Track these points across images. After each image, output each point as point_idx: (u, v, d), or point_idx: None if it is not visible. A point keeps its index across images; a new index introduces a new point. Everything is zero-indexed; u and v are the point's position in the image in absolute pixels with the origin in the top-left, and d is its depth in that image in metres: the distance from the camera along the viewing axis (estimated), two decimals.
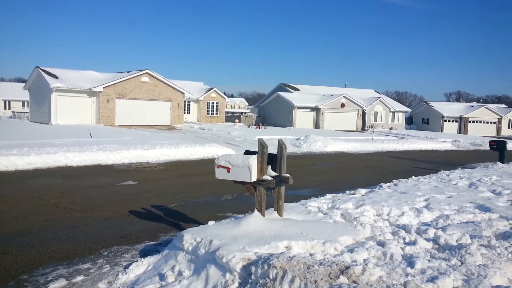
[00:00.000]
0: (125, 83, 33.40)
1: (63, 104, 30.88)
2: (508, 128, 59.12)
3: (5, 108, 58.06)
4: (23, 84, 39.53)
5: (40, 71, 32.15)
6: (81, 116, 31.81)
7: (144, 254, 5.57)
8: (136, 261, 5.17)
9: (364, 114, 48.29)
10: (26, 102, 51.66)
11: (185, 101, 39.51)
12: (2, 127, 26.39)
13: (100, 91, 32.02)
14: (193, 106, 44.45)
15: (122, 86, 33.24)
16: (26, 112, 44.21)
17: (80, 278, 4.79)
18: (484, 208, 7.17)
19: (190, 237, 4.93)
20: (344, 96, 46.54)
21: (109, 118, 32.60)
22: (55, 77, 31.69)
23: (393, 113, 53.03)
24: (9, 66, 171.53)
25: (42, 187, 10.01)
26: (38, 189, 9.71)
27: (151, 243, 6.12)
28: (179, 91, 36.60)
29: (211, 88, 45.68)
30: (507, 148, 18.40)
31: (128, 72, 34.81)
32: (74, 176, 11.69)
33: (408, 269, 4.12)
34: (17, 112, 49.41)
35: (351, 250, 4.68)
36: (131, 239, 6.26)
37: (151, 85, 34.84)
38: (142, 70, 34.39)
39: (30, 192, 9.33)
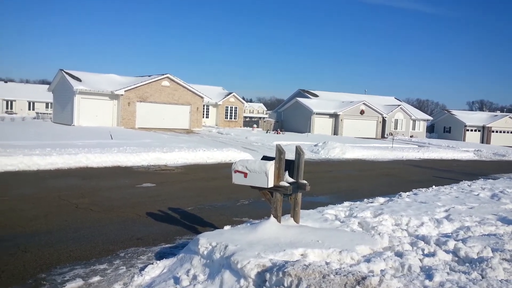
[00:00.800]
0: (146, 87, 33.88)
1: (86, 106, 31.50)
2: None
3: (29, 109, 59.61)
4: (47, 86, 40.56)
5: (64, 74, 32.90)
6: (102, 118, 32.39)
7: (160, 256, 5.61)
8: (152, 264, 5.20)
9: (384, 121, 47.71)
10: (49, 104, 52.89)
11: (204, 105, 39.82)
12: (25, 128, 27.08)
13: (122, 94, 32.55)
14: (212, 110, 44.74)
15: (143, 90, 33.73)
16: (50, 113, 45.24)
17: (96, 278, 4.84)
18: (507, 221, 6.97)
19: (205, 241, 4.93)
20: (363, 103, 46.11)
21: (129, 120, 33.09)
22: (79, 80, 32.38)
23: (414, 121, 52.24)
24: (34, 68, 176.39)
25: (62, 187, 10.20)
26: (58, 189, 9.90)
27: (167, 245, 6.16)
28: (199, 96, 36.91)
29: (230, 93, 45.91)
30: None
31: (149, 76, 35.32)
32: (94, 177, 11.88)
33: (426, 282, 4.03)
34: (40, 113, 50.69)
35: (368, 260, 4.60)
36: (147, 241, 6.31)
37: (171, 89, 35.24)
38: (163, 75, 34.84)
39: (51, 192, 9.52)
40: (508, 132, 55.72)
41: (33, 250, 5.68)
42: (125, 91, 32.67)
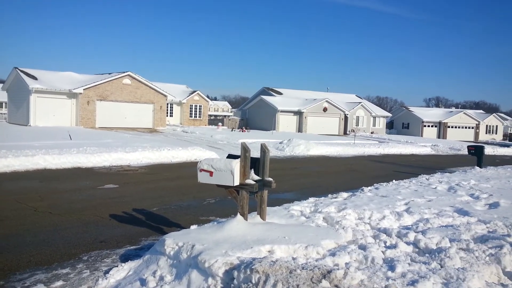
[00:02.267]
0: (106, 85, 32.96)
1: (42, 106, 30.28)
2: (486, 133, 60.57)
3: None
4: (1, 85, 38.62)
5: (19, 72, 31.47)
6: (60, 118, 31.23)
7: (124, 258, 5.49)
8: (117, 266, 5.09)
9: (346, 118, 48.78)
10: (4, 103, 50.44)
11: (167, 104, 39.21)
12: None
13: (80, 93, 31.53)
14: (176, 109, 44.16)
15: (103, 88, 32.79)
16: (4, 114, 43.18)
17: (59, 283, 4.69)
18: (463, 212, 7.31)
19: (172, 241, 4.88)
20: (326, 101, 46.94)
21: (89, 120, 32.11)
22: (34, 78, 31.07)
23: (374, 117, 53.72)
24: None
25: (20, 190, 9.78)
26: (15, 192, 9.48)
27: (132, 247, 6.04)
28: (162, 94, 36.31)
29: (194, 91, 45.47)
30: (485, 153, 18.85)
31: (109, 74, 34.38)
32: (53, 179, 11.46)
33: (389, 273, 4.17)
34: None
35: (333, 254, 4.71)
36: (111, 244, 6.16)
37: (133, 87, 34.48)
38: (124, 72, 34.01)
39: (7, 195, 9.10)
40: (462, 127, 58.39)
41: None
42: (84, 89, 31.65)
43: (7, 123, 33.27)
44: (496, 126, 62.47)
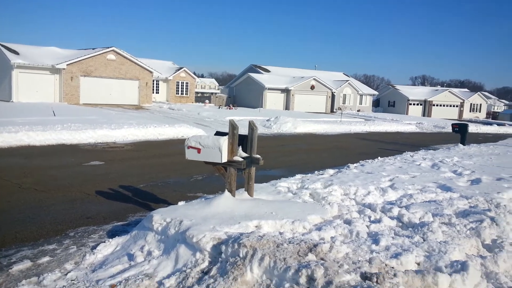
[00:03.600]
0: (90, 61, 32.26)
1: (25, 82, 29.57)
2: (470, 111, 61.45)
3: None
4: None
5: (0, 46, 30.54)
6: (44, 94, 30.59)
7: (112, 234, 5.50)
8: (104, 242, 5.10)
9: (333, 96, 48.85)
10: None
11: (153, 81, 38.64)
12: None
13: (64, 68, 30.83)
14: (162, 85, 43.57)
15: (86, 64, 32.10)
16: None
17: (45, 259, 4.69)
18: (446, 188, 7.47)
19: (159, 217, 4.90)
20: (314, 79, 46.84)
21: (73, 96, 31.53)
22: (16, 53, 30.21)
23: (361, 95, 53.91)
24: None
25: (3, 167, 9.63)
26: None
27: (119, 223, 6.05)
28: (147, 70, 35.74)
29: (181, 68, 44.84)
30: (468, 131, 19.16)
31: (93, 49, 33.60)
32: (37, 156, 11.31)
33: (373, 246, 4.27)
34: None
35: (319, 229, 4.79)
36: (98, 220, 6.16)
37: (118, 63, 33.83)
38: (108, 48, 33.28)
39: None
40: (447, 105, 59.07)
41: None
42: (67, 65, 30.94)
43: None
44: (480, 104, 63.36)
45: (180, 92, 44.62)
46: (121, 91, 34.15)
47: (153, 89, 38.82)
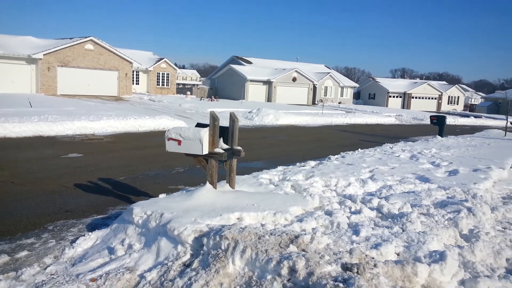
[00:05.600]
0: (67, 50, 31.49)
1: (0, 72, 28.70)
2: (448, 104, 62.64)
3: None
4: None
5: None
6: (19, 85, 29.74)
7: (92, 228, 5.42)
8: (84, 235, 5.02)
9: (315, 88, 49.06)
10: None
11: (133, 71, 38.04)
12: None
13: (40, 58, 30.02)
14: (142, 76, 42.92)
15: (64, 54, 31.33)
16: None
17: (24, 253, 4.59)
18: (424, 179, 7.62)
19: (140, 210, 4.85)
20: (296, 71, 46.90)
21: (50, 87, 30.77)
22: None
23: (342, 88, 54.31)
24: None
25: None
26: None
27: (99, 216, 5.96)
28: (127, 61, 35.12)
29: (161, 59, 44.22)
30: (446, 123, 19.56)
31: (70, 39, 32.77)
32: (13, 148, 11.03)
33: (354, 237, 4.33)
34: None
35: (300, 220, 4.82)
36: (77, 213, 6.06)
37: (96, 53, 33.13)
38: (86, 37, 32.52)
39: None
40: (426, 98, 60.07)
41: None
42: (44, 55, 30.13)
43: None
44: (458, 97, 64.64)
45: (161, 83, 44.06)
46: (100, 82, 33.49)
47: (133, 80, 38.23)
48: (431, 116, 20.02)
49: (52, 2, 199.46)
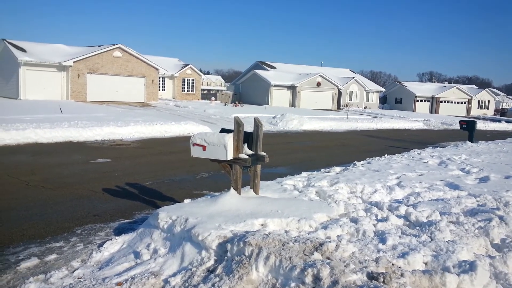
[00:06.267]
0: (96, 58, 32.37)
1: (32, 79, 29.75)
2: (478, 108, 60.92)
3: None
4: None
5: (7, 44, 30.73)
6: (51, 91, 30.76)
7: (118, 232, 5.52)
8: (111, 239, 5.11)
9: (339, 93, 48.64)
10: None
11: (159, 78, 38.72)
12: None
13: (70, 66, 30.96)
14: (168, 82, 43.64)
15: (93, 61, 32.22)
16: None
17: (53, 256, 4.71)
18: (454, 186, 7.40)
19: (165, 215, 4.90)
20: (320, 75, 46.64)
21: (80, 93, 31.67)
22: (23, 50, 30.38)
23: (368, 92, 53.63)
24: None
25: (11, 164, 9.70)
26: (7, 166, 9.41)
27: (125, 221, 6.06)
28: (153, 67, 35.79)
29: (187, 65, 44.86)
30: (476, 128, 18.99)
31: (99, 46, 33.70)
32: (45, 153, 11.38)
33: (380, 245, 4.24)
34: None
35: (325, 227, 4.76)
36: (105, 217, 6.18)
37: (124, 60, 33.91)
38: (114, 45, 33.35)
39: None
40: (455, 102, 58.58)
41: None
42: (74, 62, 31.07)
43: None
44: (488, 101, 62.79)
45: (186, 89, 44.66)
46: (127, 88, 34.25)
47: (159, 86, 38.91)
48: (460, 121, 19.48)
49: (81, 11, 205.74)
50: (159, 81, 39.05)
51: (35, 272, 4.31)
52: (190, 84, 45.00)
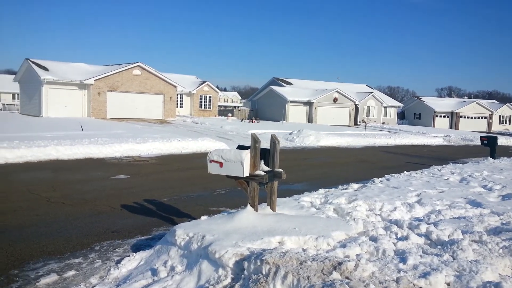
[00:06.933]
0: (116, 76, 33.11)
1: (54, 97, 30.57)
2: (499, 123, 59.70)
3: None
4: (13, 76, 39.00)
5: (30, 63, 31.74)
6: (72, 109, 31.52)
7: (136, 249, 5.54)
8: (128, 256, 5.13)
9: (356, 108, 48.41)
10: (16, 94, 50.99)
11: (177, 95, 39.30)
12: None
13: (91, 84, 31.73)
14: (186, 99, 44.23)
15: (113, 79, 32.95)
16: (17, 105, 43.68)
17: (71, 273, 4.75)
18: (476, 204, 7.22)
19: (182, 232, 4.90)
20: (336, 91, 46.60)
21: (100, 111, 32.33)
22: (46, 69, 31.32)
23: (385, 108, 53.22)
24: None
25: (32, 180, 9.90)
26: (28, 182, 9.61)
27: (143, 237, 6.09)
28: (172, 85, 36.38)
29: (204, 82, 45.45)
30: (498, 144, 18.59)
31: (119, 64, 34.50)
32: (65, 170, 11.58)
33: (401, 265, 4.14)
34: (7, 104, 48.87)
35: (343, 246, 4.68)
36: (123, 234, 6.22)
37: (143, 78, 34.58)
38: (134, 63, 34.11)
39: (20, 185, 9.23)
40: (475, 117, 57.59)
41: (3, 246, 5.50)
42: (94, 80, 31.84)
43: (19, 114, 33.66)
44: (510, 116, 61.49)
45: (203, 105, 45.14)
46: (146, 106, 34.84)
47: (177, 103, 39.47)
48: (481, 137, 19.11)
49: (102, 30, 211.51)
50: (177, 98, 39.63)
51: None
52: (207, 100, 45.49)
